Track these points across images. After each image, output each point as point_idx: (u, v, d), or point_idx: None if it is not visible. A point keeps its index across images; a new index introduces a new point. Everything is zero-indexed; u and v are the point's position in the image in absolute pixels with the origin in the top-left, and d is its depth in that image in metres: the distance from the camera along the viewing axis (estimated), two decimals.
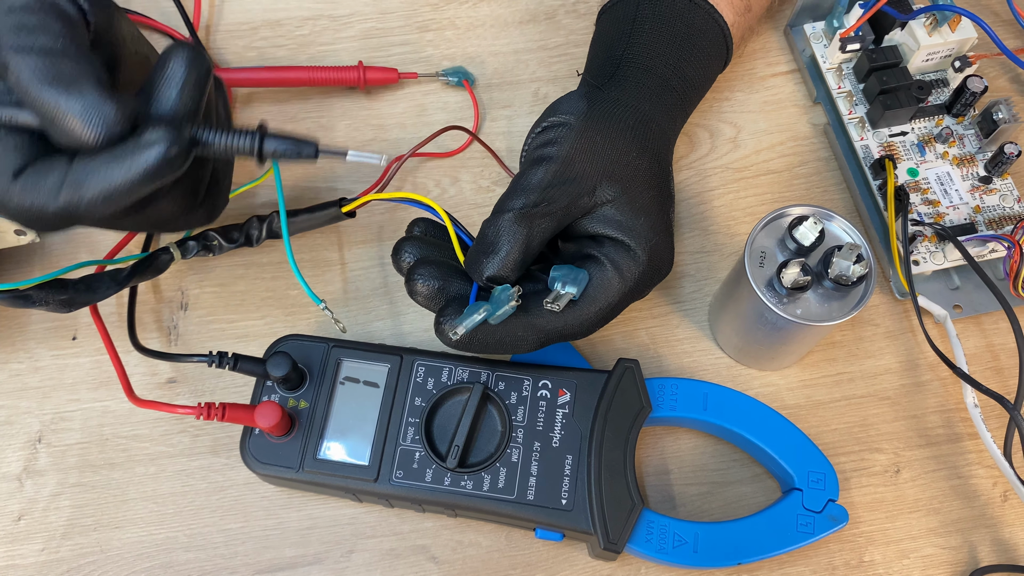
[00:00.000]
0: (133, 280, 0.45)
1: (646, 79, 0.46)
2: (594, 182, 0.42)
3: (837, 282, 0.41)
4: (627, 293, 0.42)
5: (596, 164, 0.42)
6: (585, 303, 0.41)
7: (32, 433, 0.47)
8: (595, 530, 0.41)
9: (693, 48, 0.47)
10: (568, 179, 0.42)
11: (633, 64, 0.46)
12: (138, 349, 0.45)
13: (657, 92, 0.46)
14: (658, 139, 0.45)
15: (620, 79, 0.46)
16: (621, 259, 0.42)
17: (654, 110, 0.45)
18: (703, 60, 0.48)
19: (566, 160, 0.42)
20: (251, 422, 0.42)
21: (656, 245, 0.42)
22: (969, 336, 0.49)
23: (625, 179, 0.42)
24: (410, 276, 0.42)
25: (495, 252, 0.40)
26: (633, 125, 0.44)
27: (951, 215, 0.50)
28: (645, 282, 0.43)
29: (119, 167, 0.33)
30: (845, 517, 0.43)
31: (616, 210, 0.42)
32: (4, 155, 0.34)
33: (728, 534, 0.42)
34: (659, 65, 0.46)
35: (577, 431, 0.43)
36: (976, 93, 0.50)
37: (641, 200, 0.42)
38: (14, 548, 0.44)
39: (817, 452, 0.44)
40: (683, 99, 0.47)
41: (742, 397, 0.45)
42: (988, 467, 0.47)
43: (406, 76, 0.54)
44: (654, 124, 0.45)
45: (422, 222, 0.45)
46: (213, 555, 0.45)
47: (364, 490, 0.43)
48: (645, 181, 0.43)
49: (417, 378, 0.44)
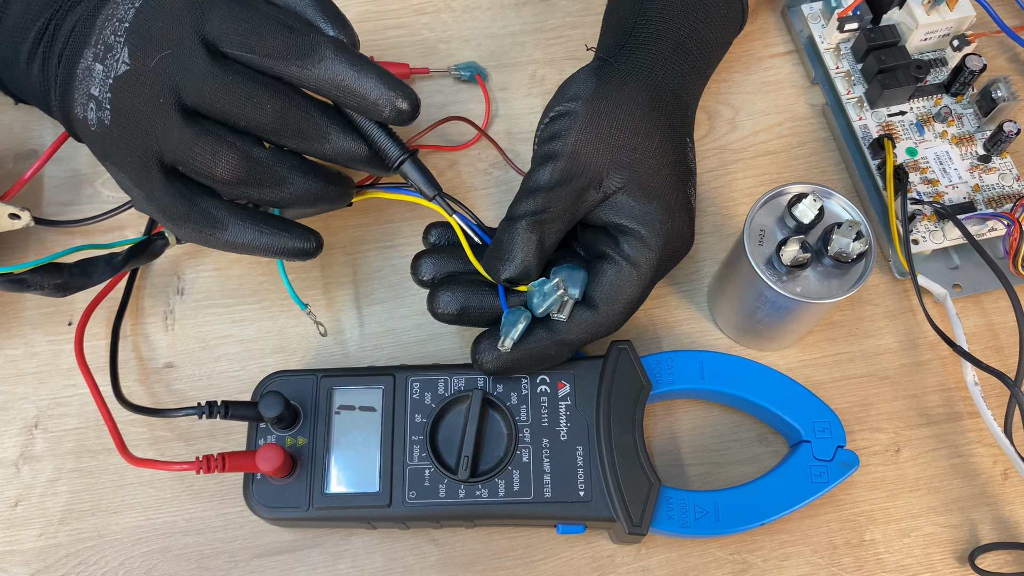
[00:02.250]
0: (128, 264, 0.45)
1: (660, 45, 0.45)
2: (601, 172, 0.42)
3: (837, 259, 0.41)
4: (646, 284, 0.42)
5: (603, 153, 0.42)
6: (606, 305, 0.42)
7: (29, 419, 0.46)
8: (617, 516, 0.41)
9: (708, 9, 0.47)
10: (576, 175, 0.42)
11: (646, 31, 0.46)
12: (124, 405, 0.43)
13: (672, 58, 0.45)
14: (672, 110, 0.44)
15: (632, 48, 0.45)
16: (636, 252, 0.42)
17: (668, 78, 0.45)
18: (719, 22, 0.47)
19: (572, 155, 0.42)
20: (253, 468, 0.40)
21: (671, 228, 0.42)
22: (969, 315, 0.49)
23: (633, 163, 0.42)
24: (431, 299, 0.43)
25: (511, 259, 0.42)
26: (644, 100, 0.43)
27: (950, 194, 0.50)
28: (663, 266, 0.43)
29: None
30: (856, 461, 0.43)
31: (628, 196, 0.42)
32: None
33: (747, 497, 0.42)
34: (673, 29, 0.46)
35: (583, 421, 0.43)
36: (975, 72, 0.50)
37: (652, 183, 0.42)
38: (11, 534, 0.44)
39: (819, 402, 0.44)
40: (701, 62, 0.47)
41: (737, 360, 0.45)
42: (989, 445, 0.47)
43: (417, 71, 0.54)
44: (668, 94, 0.44)
45: (437, 228, 0.46)
46: (212, 539, 0.44)
47: (379, 517, 0.42)
48: (656, 161, 0.43)
49: (413, 395, 0.43)
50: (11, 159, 0.52)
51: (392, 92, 0.40)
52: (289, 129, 0.40)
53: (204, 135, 0.39)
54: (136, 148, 0.39)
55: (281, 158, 0.41)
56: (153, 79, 0.39)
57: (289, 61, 0.39)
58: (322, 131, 0.41)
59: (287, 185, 0.41)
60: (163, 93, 0.39)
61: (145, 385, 0.47)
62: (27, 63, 0.43)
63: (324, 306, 0.49)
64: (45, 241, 0.50)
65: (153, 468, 0.41)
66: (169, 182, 0.40)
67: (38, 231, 0.50)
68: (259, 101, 0.39)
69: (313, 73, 0.40)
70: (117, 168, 0.40)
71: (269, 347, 0.48)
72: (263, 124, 0.40)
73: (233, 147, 0.39)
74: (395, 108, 0.40)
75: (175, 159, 0.39)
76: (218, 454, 0.40)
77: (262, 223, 0.41)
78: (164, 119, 0.39)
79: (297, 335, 0.49)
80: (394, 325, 0.49)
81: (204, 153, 0.39)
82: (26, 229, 0.45)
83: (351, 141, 0.42)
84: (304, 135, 0.41)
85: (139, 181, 0.40)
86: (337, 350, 0.48)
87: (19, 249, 0.50)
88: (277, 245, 0.41)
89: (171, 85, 0.39)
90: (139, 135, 0.39)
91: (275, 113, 0.40)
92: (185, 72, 0.39)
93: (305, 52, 0.39)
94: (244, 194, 0.41)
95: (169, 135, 0.39)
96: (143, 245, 0.45)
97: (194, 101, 0.39)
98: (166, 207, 0.40)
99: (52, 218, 0.48)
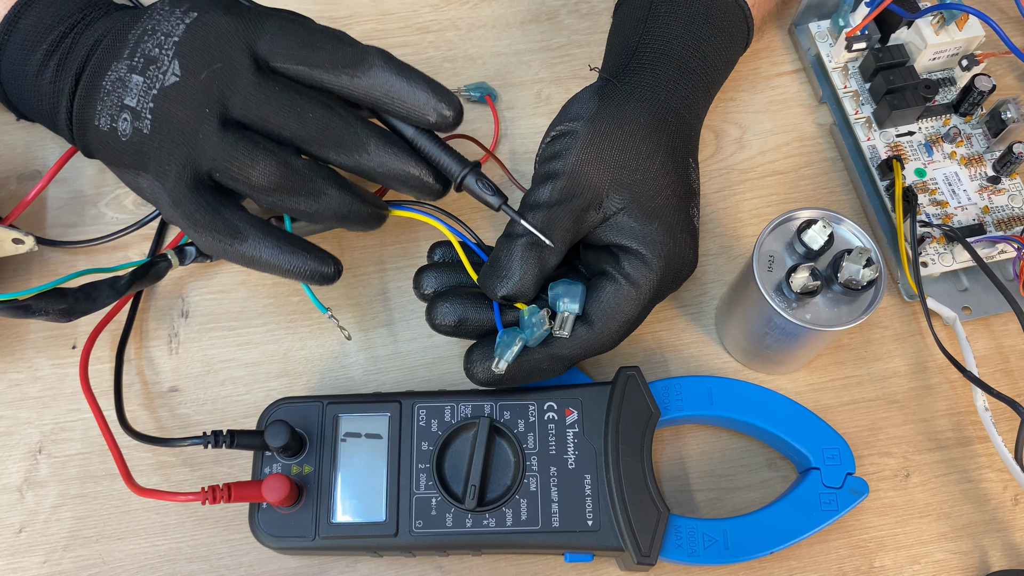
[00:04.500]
0: (132, 288, 0.44)
1: (663, 64, 0.45)
2: (602, 193, 0.42)
3: (847, 286, 0.40)
4: (645, 304, 0.42)
5: (603, 173, 0.42)
6: (603, 322, 0.41)
7: (32, 444, 0.46)
8: (626, 546, 0.40)
9: (712, 28, 0.46)
10: (575, 194, 0.42)
11: (649, 49, 0.45)
12: (130, 433, 0.43)
13: (675, 77, 0.45)
14: (675, 131, 0.44)
15: (635, 67, 0.45)
16: (635, 271, 0.41)
17: (672, 98, 0.44)
18: (723, 40, 0.47)
19: (572, 175, 0.42)
20: (259, 498, 0.40)
21: (672, 249, 0.42)
22: (978, 338, 0.49)
23: (634, 184, 0.42)
24: (430, 310, 0.43)
25: (508, 277, 0.41)
26: (646, 121, 0.43)
27: (959, 216, 0.49)
28: (665, 287, 0.43)
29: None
30: (865, 488, 0.43)
31: (628, 217, 0.42)
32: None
33: (756, 525, 0.42)
34: (676, 48, 0.45)
35: (591, 449, 0.42)
36: (984, 92, 0.50)
37: (653, 204, 0.42)
38: (15, 560, 0.44)
39: (828, 429, 0.44)
40: (705, 81, 0.46)
41: (746, 385, 0.45)
42: (999, 471, 0.46)
43: None
44: (671, 114, 0.44)
45: (441, 246, 0.46)
46: (217, 566, 0.44)
47: (385, 546, 0.41)
48: (657, 182, 0.42)
49: (420, 422, 0.43)
50: (14, 180, 0.51)
51: (438, 99, 0.41)
52: (331, 139, 0.41)
53: (243, 141, 0.40)
54: (176, 156, 0.40)
55: (318, 169, 0.41)
56: (202, 91, 0.40)
57: (340, 70, 0.41)
58: (362, 142, 0.41)
59: (322, 197, 0.41)
60: (209, 104, 0.40)
61: (149, 409, 0.47)
62: (36, 75, 0.43)
63: (329, 329, 0.49)
64: (48, 263, 0.50)
65: (159, 499, 0.41)
66: (198, 191, 0.40)
67: (41, 252, 0.50)
68: (302, 111, 0.40)
69: (364, 81, 0.41)
70: (152, 176, 0.41)
71: (274, 371, 0.48)
72: (305, 134, 0.41)
73: (271, 153, 0.40)
74: (441, 114, 0.41)
75: (213, 166, 0.40)
76: (224, 484, 0.40)
77: (283, 241, 0.41)
78: (208, 127, 0.40)
79: (302, 358, 0.48)
80: (400, 348, 0.49)
81: (242, 158, 0.40)
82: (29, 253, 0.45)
83: (391, 156, 0.42)
84: (345, 145, 0.41)
85: (171, 188, 0.40)
86: (342, 373, 0.48)
87: (22, 272, 0.49)
88: (295, 265, 0.41)
89: (218, 97, 0.40)
90: (180, 143, 0.40)
91: (317, 122, 0.41)
92: (233, 85, 0.40)
93: (356, 61, 0.41)
94: (279, 203, 0.41)
95: (209, 143, 0.40)
96: (146, 268, 0.45)
97: (239, 113, 0.40)
98: (190, 213, 0.40)
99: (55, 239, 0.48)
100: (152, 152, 0.41)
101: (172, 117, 0.40)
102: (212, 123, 0.40)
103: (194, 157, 0.40)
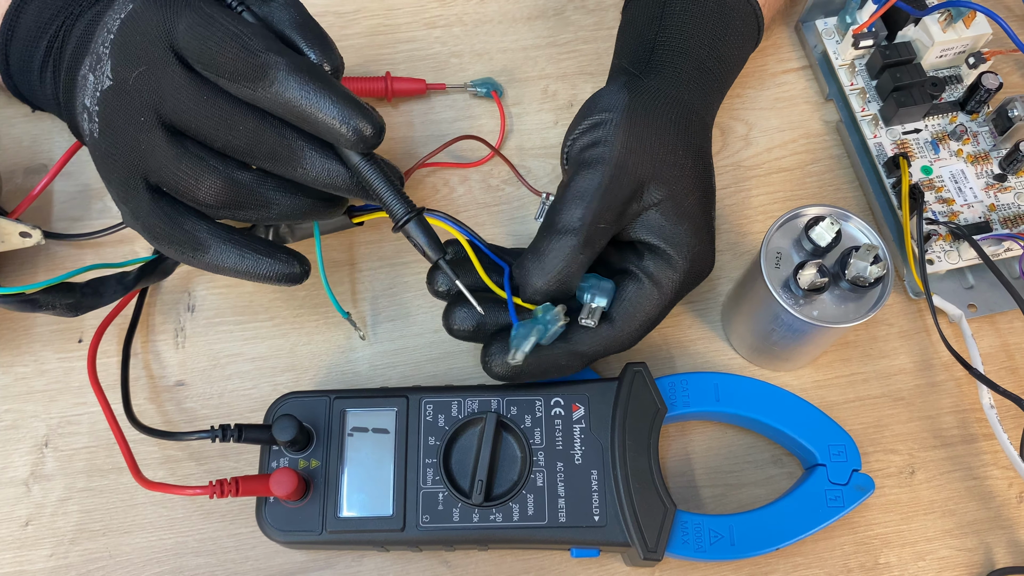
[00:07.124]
0: (140, 283, 0.44)
1: (683, 64, 0.45)
2: (643, 183, 0.41)
3: (854, 283, 0.41)
4: (666, 304, 0.42)
5: (646, 164, 0.41)
6: (624, 321, 0.41)
7: (39, 437, 0.46)
8: (632, 542, 0.40)
9: (726, 27, 0.46)
10: (622, 182, 0.41)
11: (668, 47, 0.45)
12: (137, 427, 0.43)
13: (695, 77, 0.45)
14: (699, 132, 0.44)
15: (656, 65, 0.45)
16: (660, 272, 0.41)
17: (693, 98, 0.44)
18: (736, 39, 0.47)
19: (619, 162, 0.41)
20: (267, 492, 0.40)
21: (698, 251, 0.42)
22: (984, 335, 0.49)
23: (672, 180, 0.42)
24: (447, 315, 0.43)
25: (551, 269, 0.40)
26: (676, 119, 0.43)
27: (965, 213, 0.49)
28: (685, 288, 0.43)
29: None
30: (871, 485, 0.43)
31: (661, 215, 0.42)
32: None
33: (762, 521, 0.42)
34: (694, 47, 0.45)
35: (598, 444, 0.42)
36: (991, 90, 0.50)
37: (686, 203, 0.42)
38: (22, 554, 0.44)
39: (834, 425, 0.44)
40: (720, 81, 0.46)
41: (752, 382, 0.45)
42: (1004, 468, 0.47)
43: (433, 87, 0.53)
44: (695, 116, 0.44)
45: (454, 244, 0.45)
46: (223, 560, 0.44)
47: (392, 541, 0.41)
48: (691, 182, 0.42)
49: (427, 417, 0.43)
50: (20, 173, 0.51)
51: (352, 115, 0.37)
52: (262, 152, 0.38)
53: (187, 158, 0.38)
54: (121, 164, 0.38)
55: (265, 180, 0.39)
56: (133, 95, 0.37)
57: (241, 83, 0.37)
58: (296, 155, 0.38)
59: (272, 206, 0.40)
60: (143, 111, 0.37)
61: (156, 403, 0.47)
62: (40, 71, 0.43)
63: (336, 323, 0.49)
64: (55, 256, 0.50)
65: (167, 492, 0.41)
66: (155, 201, 0.38)
67: (48, 246, 0.50)
68: (233, 123, 0.37)
69: (266, 95, 0.37)
70: (106, 182, 0.39)
71: (281, 365, 0.48)
72: (237, 146, 0.38)
73: (215, 171, 0.38)
74: (357, 132, 0.37)
75: (159, 180, 0.38)
76: (232, 479, 0.40)
77: (245, 247, 0.39)
78: (148, 137, 0.37)
79: (309, 353, 0.48)
80: (406, 343, 0.49)
81: (187, 177, 0.38)
82: (35, 247, 0.45)
83: (328, 166, 0.39)
84: (277, 158, 0.38)
85: (124, 197, 0.39)
86: (349, 368, 0.48)
87: (28, 265, 0.49)
88: (259, 269, 0.40)
89: (150, 104, 0.37)
90: (124, 151, 0.38)
91: (247, 135, 0.38)
92: (161, 91, 0.37)
93: (256, 74, 0.37)
94: (230, 216, 0.40)
95: (153, 155, 0.38)
96: (154, 264, 0.45)
97: (172, 119, 0.38)
98: (150, 226, 0.39)
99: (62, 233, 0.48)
100: (104, 157, 0.38)
101: (113, 123, 0.38)
102: (151, 134, 0.37)
103: (142, 167, 0.38)
